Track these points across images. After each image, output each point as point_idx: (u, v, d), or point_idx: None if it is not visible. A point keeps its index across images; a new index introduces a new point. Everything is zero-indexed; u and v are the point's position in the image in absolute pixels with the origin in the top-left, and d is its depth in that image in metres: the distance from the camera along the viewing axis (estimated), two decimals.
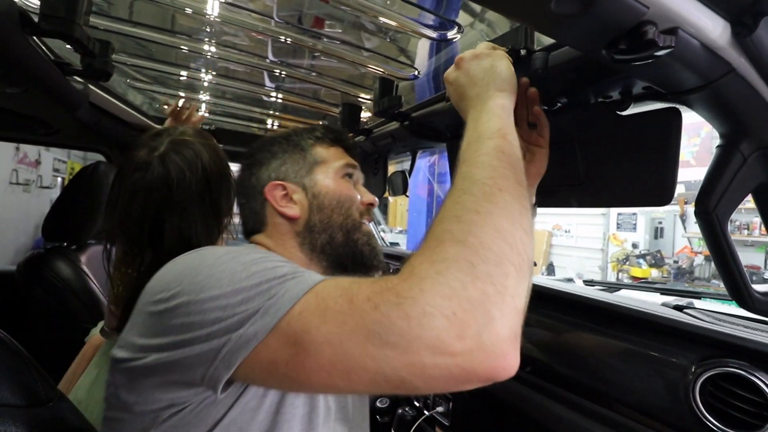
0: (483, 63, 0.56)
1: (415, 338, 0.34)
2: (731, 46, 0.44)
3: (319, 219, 0.67)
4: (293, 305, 0.40)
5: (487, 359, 0.35)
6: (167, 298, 0.45)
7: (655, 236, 6.69)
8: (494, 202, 0.41)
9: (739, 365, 0.65)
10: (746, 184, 0.54)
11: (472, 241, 0.38)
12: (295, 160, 0.70)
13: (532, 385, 0.96)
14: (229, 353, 0.41)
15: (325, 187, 0.69)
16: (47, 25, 0.68)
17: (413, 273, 0.37)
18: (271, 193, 0.67)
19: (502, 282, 0.36)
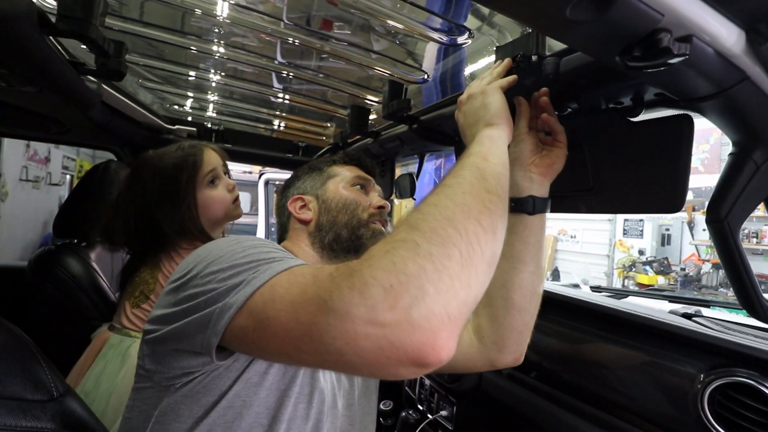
0: (475, 103, 0.64)
1: (354, 305, 0.36)
2: (745, 54, 0.44)
3: (326, 219, 0.77)
4: (269, 279, 0.45)
5: (414, 333, 0.35)
6: (183, 275, 0.53)
7: (662, 243, 6.63)
8: (454, 200, 0.45)
9: (748, 375, 0.64)
10: (759, 193, 0.54)
11: (423, 226, 0.41)
12: (314, 177, 0.83)
13: (537, 391, 0.95)
14: (216, 319, 0.45)
15: (333, 193, 0.79)
16: (64, 25, 0.69)
17: (369, 253, 0.41)
18: (292, 205, 0.80)
19: (442, 262, 0.38)
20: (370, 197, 0.82)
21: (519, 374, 1.03)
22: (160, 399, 0.53)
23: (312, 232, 0.77)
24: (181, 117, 1.76)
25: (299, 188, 0.83)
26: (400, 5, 0.79)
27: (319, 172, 0.84)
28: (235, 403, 0.53)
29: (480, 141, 0.57)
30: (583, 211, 0.75)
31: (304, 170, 0.86)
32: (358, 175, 0.83)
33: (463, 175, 0.49)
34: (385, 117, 1.07)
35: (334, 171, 0.84)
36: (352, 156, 0.87)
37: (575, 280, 4.86)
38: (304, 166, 0.88)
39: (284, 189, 0.86)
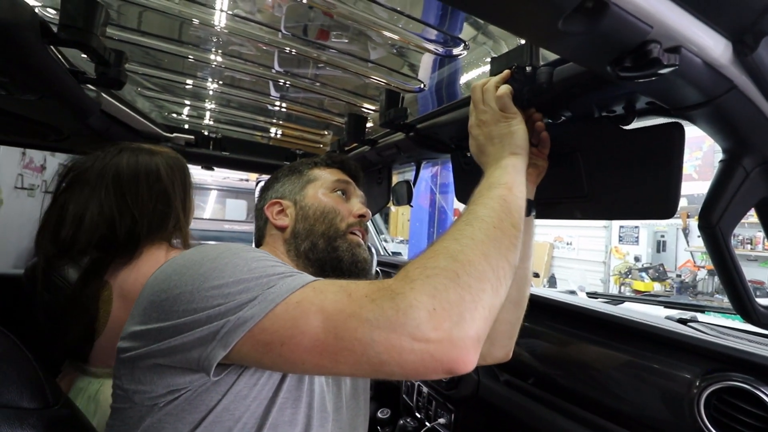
0: (502, 128, 0.65)
1: (400, 325, 0.41)
2: (733, 64, 0.46)
3: (302, 227, 0.75)
4: (290, 294, 0.46)
5: (452, 351, 0.42)
6: (170, 288, 0.50)
7: (658, 250, 6.67)
8: (488, 234, 0.50)
9: (743, 379, 0.65)
10: (749, 199, 0.55)
11: (462, 258, 0.46)
12: (293, 180, 0.80)
13: (534, 397, 0.95)
14: (226, 334, 0.45)
15: (311, 199, 0.76)
16: (66, 35, 0.70)
17: (407, 276, 0.45)
18: (269, 210, 0.77)
19: (478, 294, 0.44)
20: (351, 204, 0.79)
21: (516, 380, 1.03)
22: (142, 419, 0.51)
23: (288, 239, 0.75)
24: (179, 125, 1.77)
25: (278, 192, 0.80)
26: (396, 17, 0.80)
27: (299, 175, 0.80)
28: (223, 417, 0.51)
29: (504, 168, 0.61)
30: (578, 218, 0.76)
31: (284, 172, 0.82)
32: (339, 179, 0.80)
33: (493, 207, 0.54)
34: (382, 125, 1.08)
35: (314, 174, 0.80)
36: (335, 158, 0.84)
37: (572, 287, 4.87)
38: (284, 167, 0.84)
39: (263, 191, 0.82)
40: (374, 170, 1.59)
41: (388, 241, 8.16)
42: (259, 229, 0.80)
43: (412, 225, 6.91)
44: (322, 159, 0.83)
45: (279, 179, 0.82)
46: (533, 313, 1.05)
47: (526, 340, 1.03)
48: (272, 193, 0.80)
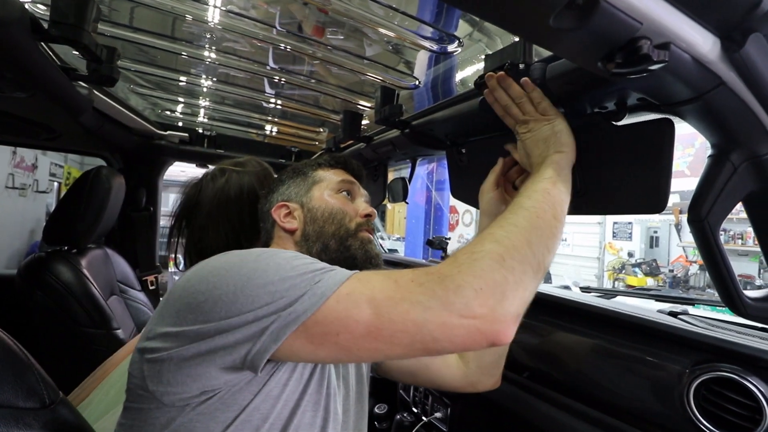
0: (545, 130, 0.68)
1: (450, 304, 0.46)
2: (721, 61, 0.46)
3: (312, 229, 0.74)
4: (339, 287, 0.48)
5: (495, 324, 0.46)
6: (208, 290, 0.50)
7: (651, 245, 6.74)
8: (531, 223, 0.55)
9: (731, 369, 0.66)
10: (737, 193, 0.56)
11: (506, 243, 0.51)
12: (298, 183, 0.80)
13: (529, 390, 0.96)
14: (277, 329, 0.47)
15: (319, 201, 0.76)
16: (57, 31, 0.70)
17: (456, 260, 0.49)
18: (276, 213, 0.77)
19: (520, 276, 0.49)
20: (357, 204, 0.80)
21: (511, 374, 1.04)
22: (172, 419, 0.51)
23: (298, 242, 0.75)
24: (173, 122, 1.76)
25: (284, 194, 0.79)
26: (392, 14, 0.80)
27: (303, 177, 0.81)
28: (253, 417, 0.52)
29: (549, 164, 0.64)
30: (571, 213, 0.77)
31: (289, 174, 0.82)
32: (343, 180, 0.80)
33: (537, 199, 0.59)
34: (377, 122, 1.08)
35: (319, 176, 0.80)
36: (338, 159, 0.84)
37: (566, 283, 4.92)
38: (288, 168, 0.84)
39: (268, 194, 0.81)
40: (370, 167, 1.59)
41: (385, 238, 8.16)
42: (267, 231, 0.79)
43: (409, 222, 6.92)
44: (325, 160, 0.83)
45: (284, 182, 0.81)
46: (528, 307, 1.06)
47: (521, 335, 1.04)
48: (278, 196, 0.80)
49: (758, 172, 0.55)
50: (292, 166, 0.84)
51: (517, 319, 0.49)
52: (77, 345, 1.03)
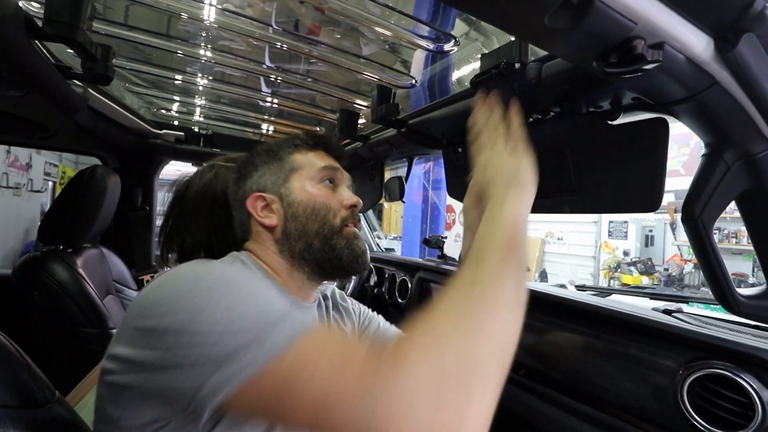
0: (507, 163, 0.59)
1: (402, 404, 0.38)
2: (715, 60, 0.47)
3: (294, 227, 0.68)
4: (285, 350, 0.42)
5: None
6: (159, 315, 0.46)
7: (646, 244, 6.78)
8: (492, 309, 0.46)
9: (724, 366, 0.66)
10: (730, 191, 0.56)
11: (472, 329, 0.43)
12: (274, 170, 0.71)
13: (525, 388, 0.97)
14: (215, 386, 0.42)
15: (300, 195, 0.69)
16: (51, 29, 0.69)
17: (412, 341, 0.42)
18: (252, 205, 0.69)
19: (484, 390, 0.40)
20: (340, 193, 0.72)
21: (508, 373, 1.04)
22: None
23: (279, 240, 0.69)
24: (169, 121, 1.76)
25: (258, 182, 0.70)
26: (388, 13, 0.80)
27: (279, 162, 0.71)
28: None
29: (510, 200, 0.56)
30: (566, 212, 0.77)
31: (262, 156, 0.72)
32: (325, 166, 0.72)
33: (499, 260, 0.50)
34: (373, 121, 1.08)
35: (297, 162, 0.71)
36: (317, 139, 0.74)
37: (562, 282, 4.94)
38: (260, 149, 0.74)
39: (240, 179, 0.72)
40: (366, 166, 1.60)
41: (382, 237, 8.16)
42: (242, 223, 0.72)
43: (405, 221, 6.93)
44: (303, 140, 0.73)
45: (257, 167, 0.72)
46: (525, 306, 1.07)
47: None
48: (252, 184, 0.71)
49: (751, 171, 0.56)
50: (265, 146, 0.74)
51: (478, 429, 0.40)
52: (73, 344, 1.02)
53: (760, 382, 0.64)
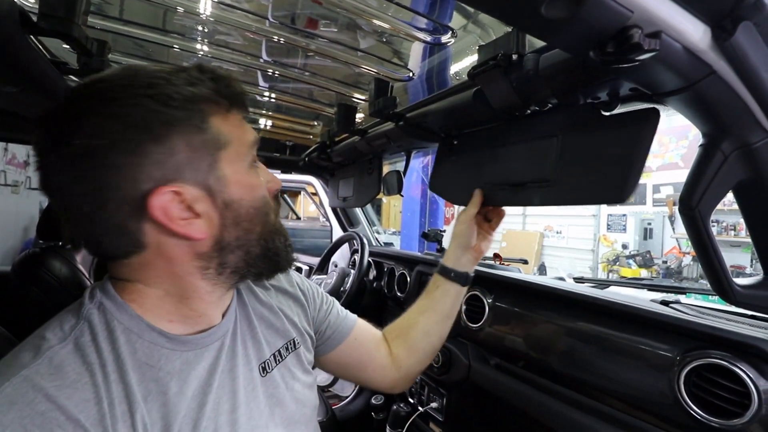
0: None
1: None
2: (712, 50, 0.47)
3: (235, 236, 0.50)
4: None
5: None
6: None
7: (645, 237, 6.79)
8: None
9: (721, 356, 0.67)
10: (727, 181, 0.56)
11: None
12: (191, 142, 0.45)
13: (523, 379, 0.98)
14: None
15: (237, 189, 0.49)
16: (46, 24, 0.69)
17: None
18: (160, 207, 0.44)
19: None
20: (262, 175, 0.55)
21: (506, 364, 1.05)
22: None
23: (205, 254, 0.49)
24: None
25: (164, 165, 0.43)
26: (386, 5, 0.80)
27: (197, 129, 0.45)
28: None
29: None
30: (536, 204, 0.76)
31: (153, 111, 0.43)
32: (252, 140, 0.52)
33: None
34: (371, 114, 1.08)
35: (222, 131, 0.47)
36: (230, 88, 0.50)
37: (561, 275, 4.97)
38: (132, 87, 0.44)
39: (100, 148, 0.42)
40: (365, 160, 1.59)
41: (380, 232, 8.15)
42: (119, 228, 0.44)
43: (404, 216, 6.93)
44: (213, 89, 0.47)
45: (153, 130, 0.43)
46: (522, 298, 1.07)
47: (516, 325, 1.05)
48: (149, 166, 0.43)
49: (748, 161, 0.56)
50: (141, 84, 0.44)
51: None
52: None
53: (757, 371, 0.64)
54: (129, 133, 0.42)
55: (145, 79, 0.44)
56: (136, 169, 0.43)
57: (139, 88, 0.43)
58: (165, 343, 0.49)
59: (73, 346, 0.44)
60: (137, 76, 0.44)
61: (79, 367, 0.43)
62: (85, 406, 0.41)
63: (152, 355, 0.47)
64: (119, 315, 0.47)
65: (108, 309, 0.47)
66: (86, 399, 0.41)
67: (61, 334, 0.45)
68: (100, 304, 0.47)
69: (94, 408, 0.41)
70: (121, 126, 0.42)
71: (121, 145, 0.42)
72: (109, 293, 0.48)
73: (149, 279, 0.49)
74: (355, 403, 1.95)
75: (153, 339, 0.48)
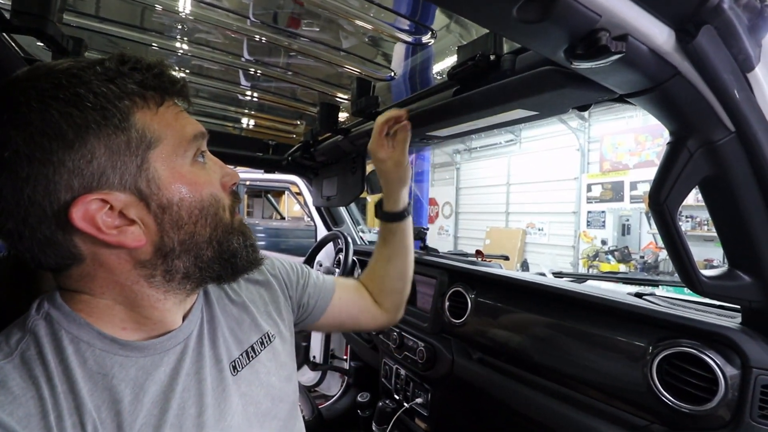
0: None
1: None
2: (676, 52, 0.49)
3: (178, 240, 0.47)
4: None
5: None
6: None
7: (623, 233, 6.96)
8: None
9: (691, 345, 0.70)
10: (693, 178, 0.59)
11: None
12: (111, 145, 0.42)
13: (506, 373, 1.00)
14: None
15: (173, 187, 0.46)
16: (19, 21, 0.67)
17: None
18: (86, 218, 0.41)
19: None
20: (214, 170, 0.52)
21: (489, 358, 1.07)
22: None
23: (148, 262, 0.46)
24: None
25: (82, 173, 0.40)
26: (367, 5, 0.81)
27: (116, 130, 0.42)
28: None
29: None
30: None
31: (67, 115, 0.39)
32: (195, 133, 0.48)
33: None
34: (353, 113, 1.09)
35: (149, 127, 0.44)
36: (157, 75, 0.45)
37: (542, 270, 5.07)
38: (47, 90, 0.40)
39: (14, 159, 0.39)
40: (348, 160, 1.60)
41: (365, 231, 8.15)
42: (49, 242, 0.42)
43: None
44: (137, 80, 0.44)
45: (67, 137, 0.39)
46: (504, 293, 1.10)
47: (498, 319, 1.07)
48: (65, 175, 0.40)
49: (712, 157, 0.58)
50: (54, 84, 0.40)
51: None
52: None
53: (724, 358, 0.67)
54: (37, 142, 0.39)
55: (52, 80, 0.40)
56: (51, 180, 0.40)
57: (45, 90, 0.40)
58: (118, 350, 0.47)
59: (19, 360, 0.42)
60: (43, 77, 0.41)
61: (24, 381, 0.41)
62: (29, 422, 0.39)
63: (104, 364, 0.46)
64: (67, 325, 0.45)
65: (55, 319, 0.45)
66: (30, 414, 0.39)
67: (7, 349, 0.43)
68: (47, 315, 0.45)
69: (40, 423, 0.40)
70: (27, 135, 0.39)
71: (30, 155, 0.39)
72: (56, 303, 0.46)
73: (94, 289, 0.47)
74: (341, 401, 1.96)
75: (105, 347, 0.46)
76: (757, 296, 0.65)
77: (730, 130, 0.56)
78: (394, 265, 0.91)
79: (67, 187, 0.41)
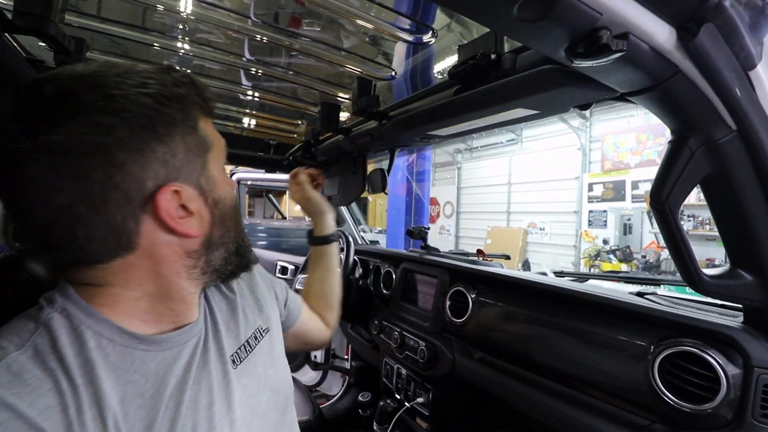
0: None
1: None
2: (677, 50, 0.49)
3: (220, 234, 0.52)
4: None
5: None
6: None
7: (625, 232, 6.95)
8: None
9: (692, 344, 0.70)
10: (694, 176, 0.59)
11: None
12: (188, 143, 0.47)
13: (507, 372, 1.00)
14: None
15: (222, 188, 0.52)
16: (22, 22, 0.68)
17: None
18: (165, 204, 0.45)
19: None
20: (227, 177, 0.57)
21: (490, 357, 1.07)
22: None
23: (195, 253, 0.51)
24: None
25: (167, 164, 0.45)
26: (368, 5, 0.81)
27: (192, 132, 0.48)
28: None
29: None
30: None
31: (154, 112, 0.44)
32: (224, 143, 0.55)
33: None
34: (354, 113, 1.09)
35: (207, 134, 0.50)
36: (206, 92, 0.51)
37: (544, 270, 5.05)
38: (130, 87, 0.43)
39: (110, 146, 0.41)
40: (349, 159, 1.60)
41: (366, 231, 8.17)
42: (114, 229, 0.44)
43: (390, 214, 6.95)
44: (195, 90, 0.49)
45: (158, 130, 0.44)
46: (504, 292, 1.10)
47: (499, 319, 1.07)
48: (154, 165, 0.44)
49: (713, 156, 0.58)
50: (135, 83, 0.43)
51: None
52: None
53: (725, 357, 0.67)
54: (135, 132, 0.42)
55: (138, 78, 0.44)
56: (143, 168, 0.43)
57: (135, 87, 0.43)
58: (138, 345, 0.48)
59: (32, 352, 0.42)
60: (129, 73, 0.44)
61: (40, 373, 0.41)
62: (49, 414, 0.40)
63: (126, 359, 0.47)
64: (86, 320, 0.46)
65: (73, 314, 0.46)
66: (50, 406, 0.40)
67: (19, 340, 0.43)
68: (63, 309, 0.46)
69: (60, 415, 0.40)
70: (126, 124, 0.42)
71: (127, 143, 0.42)
72: (72, 297, 0.47)
73: (128, 281, 0.48)
74: (342, 401, 1.96)
75: (125, 342, 0.47)
76: (759, 295, 0.65)
77: (732, 129, 0.56)
78: (328, 283, 1.02)
79: (154, 176, 0.44)
